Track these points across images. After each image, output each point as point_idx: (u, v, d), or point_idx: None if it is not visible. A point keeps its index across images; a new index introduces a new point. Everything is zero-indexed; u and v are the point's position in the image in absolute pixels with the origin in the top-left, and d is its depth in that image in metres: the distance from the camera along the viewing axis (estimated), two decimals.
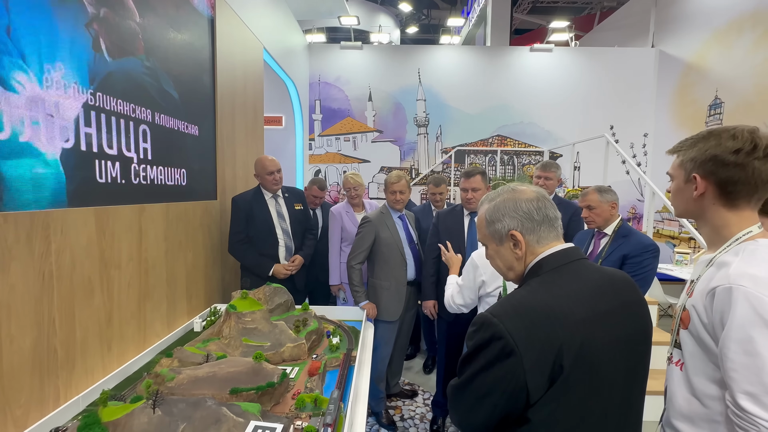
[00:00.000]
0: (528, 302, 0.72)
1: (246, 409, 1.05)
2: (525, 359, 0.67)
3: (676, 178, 0.87)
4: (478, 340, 0.72)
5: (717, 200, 0.81)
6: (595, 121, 6.05)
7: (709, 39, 5.05)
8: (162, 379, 1.16)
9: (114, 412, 0.93)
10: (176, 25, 1.88)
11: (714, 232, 0.84)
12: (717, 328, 0.76)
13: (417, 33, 13.56)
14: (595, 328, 0.71)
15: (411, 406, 2.66)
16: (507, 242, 0.82)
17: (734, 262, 0.76)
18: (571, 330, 0.68)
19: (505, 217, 0.81)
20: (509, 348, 0.67)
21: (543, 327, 0.68)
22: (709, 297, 0.77)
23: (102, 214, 1.39)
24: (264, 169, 2.33)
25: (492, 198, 0.85)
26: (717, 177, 0.79)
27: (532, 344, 0.67)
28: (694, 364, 0.83)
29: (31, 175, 1.11)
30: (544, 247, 0.80)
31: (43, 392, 1.15)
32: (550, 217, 0.81)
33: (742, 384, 0.71)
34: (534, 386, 0.67)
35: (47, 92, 1.15)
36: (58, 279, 1.20)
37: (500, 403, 0.70)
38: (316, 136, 6.25)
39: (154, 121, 1.69)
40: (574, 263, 0.79)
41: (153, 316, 1.71)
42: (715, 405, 0.79)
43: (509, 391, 0.69)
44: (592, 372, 0.70)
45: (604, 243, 2.00)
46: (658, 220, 5.82)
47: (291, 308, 1.88)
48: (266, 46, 3.54)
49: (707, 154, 0.79)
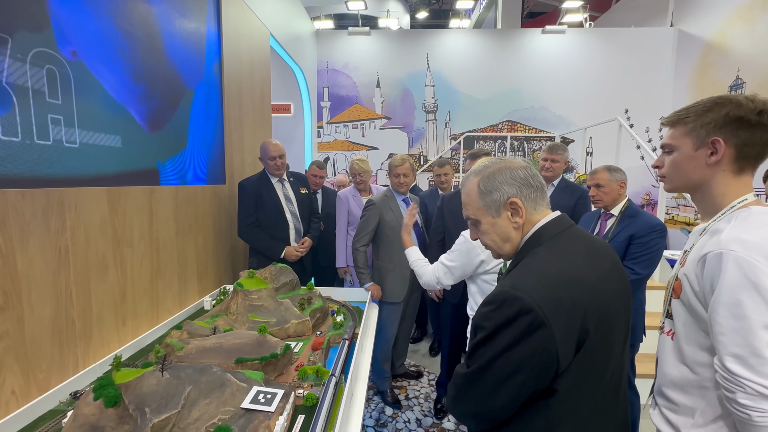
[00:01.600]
0: (547, 271, 0.71)
1: (250, 377, 1.10)
2: (555, 329, 0.65)
3: (682, 147, 0.84)
4: (500, 319, 0.68)
5: (729, 165, 0.80)
6: (609, 105, 5.89)
7: (731, 16, 4.83)
8: (172, 349, 1.22)
9: (126, 375, 0.99)
10: (183, 10, 1.90)
11: (712, 202, 0.84)
12: (707, 293, 0.76)
13: (427, 18, 13.31)
14: (606, 288, 0.73)
15: (416, 386, 2.71)
16: (505, 212, 0.80)
17: (726, 229, 0.76)
18: (590, 293, 0.70)
19: (504, 184, 0.80)
20: (539, 320, 0.65)
21: (567, 294, 0.68)
22: (701, 264, 0.77)
23: (113, 194, 1.44)
24: (266, 154, 2.37)
25: (480, 170, 0.83)
26: (738, 139, 0.78)
27: (560, 313, 0.66)
28: (685, 333, 0.83)
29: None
30: (540, 214, 0.81)
31: (63, 360, 1.23)
32: (542, 185, 0.83)
33: (729, 347, 0.71)
34: (564, 355, 0.67)
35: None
36: (74, 254, 1.27)
37: (529, 381, 0.68)
38: (325, 124, 6.26)
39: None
40: (570, 229, 0.80)
41: (165, 293, 1.78)
42: (705, 371, 0.80)
43: (539, 366, 0.67)
44: (609, 331, 0.72)
45: (610, 224, 1.98)
46: (673, 206, 5.67)
47: (296, 287, 1.93)
48: (273, 33, 3.54)
49: (730, 116, 0.78)
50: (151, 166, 1.68)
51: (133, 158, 1.57)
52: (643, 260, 1.80)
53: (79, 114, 1.28)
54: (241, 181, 2.39)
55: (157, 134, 1.72)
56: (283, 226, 2.41)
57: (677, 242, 5.51)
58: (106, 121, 1.41)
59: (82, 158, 1.30)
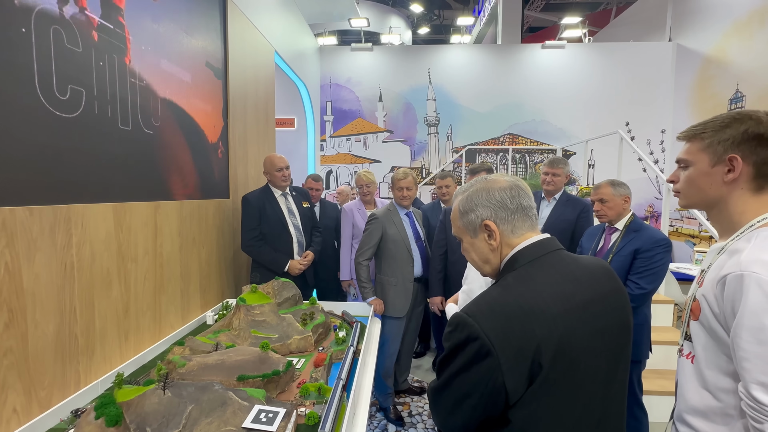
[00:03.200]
0: (503, 299, 0.70)
1: (251, 395, 1.09)
2: (502, 360, 0.64)
3: (697, 163, 0.82)
4: (454, 341, 0.69)
5: (747, 184, 0.77)
6: (610, 118, 5.93)
7: (729, 30, 4.90)
8: (174, 366, 1.21)
9: (128, 394, 0.99)
10: (190, 29, 1.96)
11: (729, 220, 0.81)
12: (728, 317, 0.72)
13: (428, 34, 13.56)
14: (573, 321, 0.68)
15: (419, 403, 2.67)
16: (481, 233, 0.79)
17: (746, 249, 0.73)
18: (548, 326, 0.66)
19: (479, 206, 0.79)
20: (485, 349, 0.65)
21: (519, 325, 0.66)
22: (720, 285, 0.74)
23: (120, 210, 1.46)
24: (273, 166, 2.39)
25: (466, 189, 0.83)
26: (758, 157, 0.75)
27: (509, 344, 0.65)
28: (705, 357, 0.79)
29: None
30: (520, 237, 0.77)
31: (65, 376, 1.22)
32: (524, 206, 0.78)
33: (755, 374, 0.68)
34: (513, 387, 0.65)
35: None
36: (79, 270, 1.28)
37: (479, 406, 0.68)
38: (328, 137, 6.33)
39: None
40: (549, 255, 0.76)
41: (168, 308, 1.78)
42: (729, 398, 0.75)
43: (488, 393, 0.66)
44: (572, 367, 0.67)
45: (615, 238, 1.97)
46: (677, 218, 5.65)
47: (299, 302, 1.92)
48: (278, 50, 3.62)
49: (749, 133, 0.75)
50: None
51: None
52: (648, 275, 1.79)
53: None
54: (244, 195, 2.41)
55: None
56: (286, 240, 2.42)
57: (682, 255, 5.47)
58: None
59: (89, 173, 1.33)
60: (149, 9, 1.63)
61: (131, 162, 1.53)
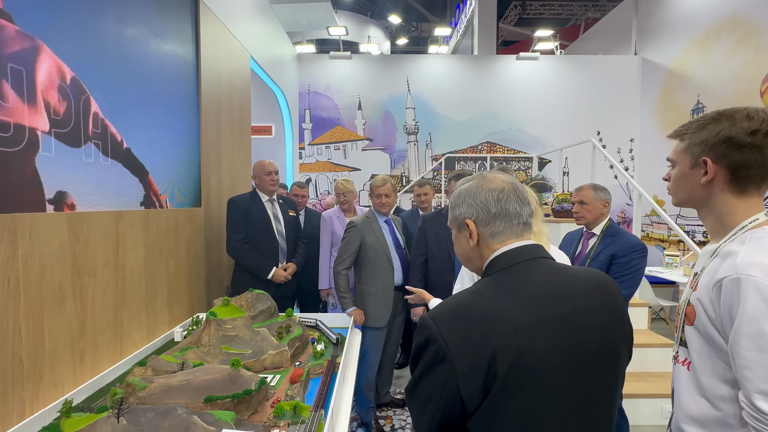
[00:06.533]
0: (465, 304, 0.67)
1: (219, 418, 1.00)
2: (457, 365, 0.62)
3: (680, 163, 0.81)
4: (417, 342, 0.68)
5: (726, 186, 0.75)
6: (582, 127, 6.13)
7: (689, 45, 5.19)
8: (133, 389, 1.11)
9: (76, 423, 0.88)
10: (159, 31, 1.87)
11: (718, 221, 0.79)
12: (726, 322, 0.70)
13: (407, 45, 13.78)
14: (537, 334, 0.63)
15: (402, 416, 2.60)
16: (464, 230, 0.77)
17: (741, 251, 0.70)
18: (507, 335, 0.62)
19: (464, 204, 0.77)
20: (442, 353, 0.63)
21: (476, 331, 0.63)
22: (716, 289, 0.71)
23: (75, 219, 1.35)
24: (263, 170, 2.37)
25: (463, 182, 0.82)
26: (730, 161, 0.73)
27: (465, 349, 0.62)
28: (702, 363, 0.76)
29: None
30: (500, 243, 0.73)
31: (6, 405, 1.09)
32: (509, 213, 0.73)
33: (756, 382, 0.65)
34: (468, 395, 0.62)
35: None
36: (26, 286, 1.16)
37: (438, 411, 0.65)
38: (306, 145, 6.25)
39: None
40: (526, 263, 0.71)
41: (131, 325, 1.65)
42: (728, 407, 0.73)
43: (445, 399, 0.64)
44: (533, 384, 0.62)
45: (592, 243, 1.99)
46: (647, 223, 5.86)
47: (274, 315, 1.84)
48: (254, 56, 3.55)
49: (720, 136, 0.73)
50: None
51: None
52: (625, 280, 1.81)
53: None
54: (231, 198, 2.35)
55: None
56: (271, 245, 2.37)
57: (653, 259, 5.66)
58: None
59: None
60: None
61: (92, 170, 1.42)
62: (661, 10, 5.73)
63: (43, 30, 1.23)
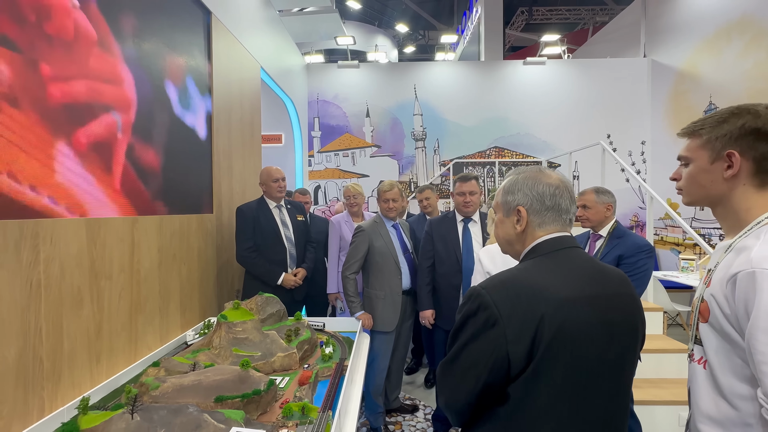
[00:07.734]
0: (515, 277, 0.75)
1: (229, 416, 1.03)
2: (508, 330, 0.69)
3: (697, 160, 0.80)
4: (466, 311, 0.74)
5: (749, 180, 0.75)
6: (591, 131, 6.08)
7: (699, 47, 5.13)
8: (146, 388, 1.14)
9: (93, 420, 0.92)
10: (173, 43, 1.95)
11: (735, 218, 0.78)
12: (741, 318, 0.68)
13: (414, 53, 13.91)
14: (579, 308, 0.71)
15: (411, 422, 2.58)
16: (513, 216, 0.84)
17: (756, 246, 0.69)
18: (553, 306, 0.70)
19: (519, 192, 0.84)
20: (493, 318, 0.70)
21: (526, 300, 0.70)
22: (730, 284, 0.70)
23: (93, 225, 1.40)
24: (270, 177, 2.40)
25: (519, 172, 0.88)
26: (756, 152, 0.73)
27: (516, 315, 0.69)
28: (718, 361, 0.74)
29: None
30: (543, 231, 0.82)
31: (26, 404, 1.14)
32: (561, 207, 0.82)
33: None
34: (515, 357, 0.69)
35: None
36: (47, 288, 1.21)
37: (483, 376, 0.71)
38: (316, 153, 6.34)
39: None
40: (567, 249, 0.80)
41: (145, 328, 1.70)
42: (747, 406, 0.70)
43: (492, 363, 0.70)
44: (573, 351, 0.70)
45: (599, 245, 1.98)
46: (661, 227, 5.75)
47: (284, 318, 1.86)
48: (264, 66, 3.64)
49: (746, 128, 0.73)
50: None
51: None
52: (633, 280, 1.78)
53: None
54: (239, 206, 2.39)
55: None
56: (280, 251, 2.40)
57: (668, 263, 5.54)
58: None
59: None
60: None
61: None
62: (669, 13, 5.69)
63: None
